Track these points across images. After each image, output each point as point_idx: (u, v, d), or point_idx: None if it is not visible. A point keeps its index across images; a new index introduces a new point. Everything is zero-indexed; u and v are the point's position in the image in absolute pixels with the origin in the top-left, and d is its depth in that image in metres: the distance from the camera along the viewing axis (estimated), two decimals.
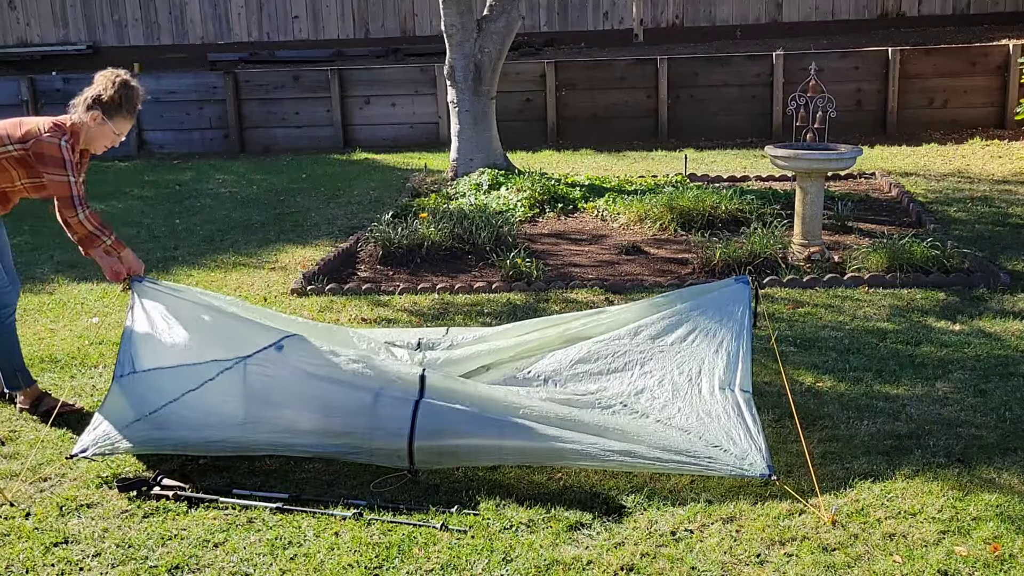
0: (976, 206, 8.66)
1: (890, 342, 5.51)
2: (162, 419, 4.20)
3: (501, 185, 9.35)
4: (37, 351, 5.77)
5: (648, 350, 4.50)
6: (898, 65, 12.34)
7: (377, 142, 12.91)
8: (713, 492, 3.92)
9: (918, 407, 4.66)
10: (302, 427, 4.18)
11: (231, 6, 16.99)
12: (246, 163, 12.06)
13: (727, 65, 12.78)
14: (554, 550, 3.57)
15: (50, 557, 3.62)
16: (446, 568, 3.48)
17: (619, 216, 8.46)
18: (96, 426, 4.25)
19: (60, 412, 4.68)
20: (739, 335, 4.41)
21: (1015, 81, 12.10)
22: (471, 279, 6.98)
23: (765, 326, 5.33)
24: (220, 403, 4.26)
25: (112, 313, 6.42)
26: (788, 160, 6.82)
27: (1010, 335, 5.55)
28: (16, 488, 4.11)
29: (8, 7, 17.08)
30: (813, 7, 16.70)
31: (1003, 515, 3.70)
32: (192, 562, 3.57)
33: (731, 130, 12.68)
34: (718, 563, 3.48)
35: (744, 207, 8.14)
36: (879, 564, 3.43)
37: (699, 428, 4.07)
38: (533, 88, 12.83)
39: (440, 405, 4.25)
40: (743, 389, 4.22)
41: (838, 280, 6.55)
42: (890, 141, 12.07)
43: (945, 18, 16.51)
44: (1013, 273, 6.63)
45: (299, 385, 4.35)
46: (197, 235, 8.60)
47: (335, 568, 3.50)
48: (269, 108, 13.06)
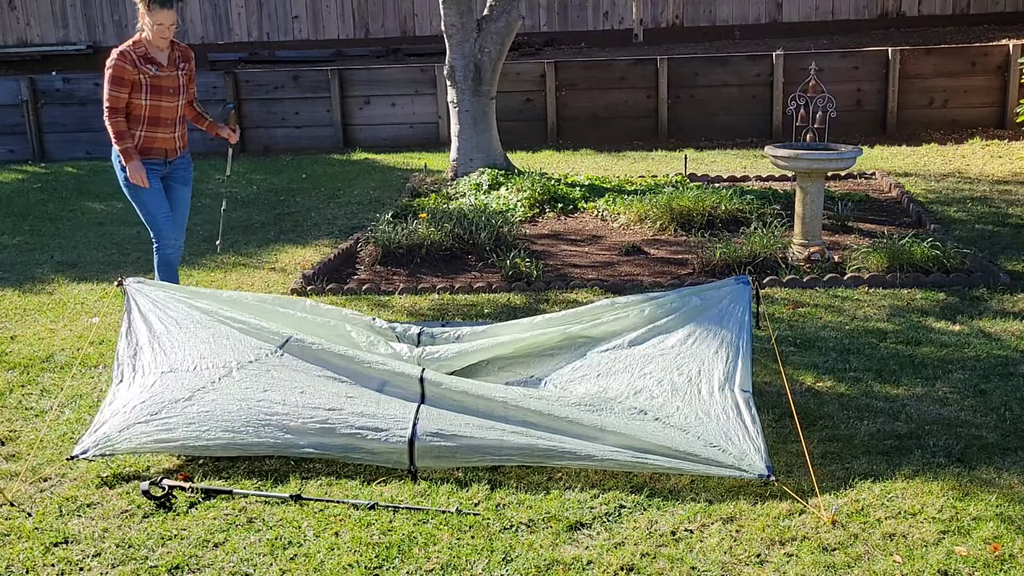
0: (976, 206, 8.65)
1: (890, 342, 5.51)
2: (163, 421, 4.20)
3: (501, 185, 9.35)
4: (37, 351, 5.77)
5: (649, 354, 4.50)
6: (898, 65, 12.34)
7: (377, 142, 12.91)
8: (713, 492, 3.92)
9: (918, 407, 4.67)
10: (303, 428, 4.18)
11: (231, 6, 16.99)
12: (246, 163, 12.06)
13: (727, 65, 12.78)
14: (554, 550, 3.57)
15: (50, 557, 3.62)
16: (446, 568, 3.49)
17: (619, 216, 8.46)
18: (97, 427, 4.25)
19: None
20: (739, 335, 4.41)
21: (1015, 81, 12.10)
22: (471, 279, 6.98)
23: (765, 326, 5.33)
24: (221, 405, 4.26)
25: (112, 313, 6.42)
26: (788, 160, 6.82)
27: (1010, 335, 5.55)
28: (16, 488, 4.11)
29: (8, 7, 17.08)
30: (813, 7, 16.70)
31: (1003, 515, 3.70)
32: (192, 562, 3.57)
33: (731, 130, 12.68)
34: (718, 563, 3.48)
35: (744, 207, 8.14)
36: (879, 564, 3.44)
37: (698, 428, 4.07)
38: (533, 88, 12.83)
39: (440, 405, 4.26)
40: (743, 389, 4.23)
41: (838, 280, 6.55)
42: (890, 141, 12.07)
43: (945, 18, 16.51)
44: (1013, 273, 6.63)
45: (300, 387, 4.36)
46: (197, 235, 8.60)
47: (335, 568, 3.50)
48: (269, 108, 13.06)
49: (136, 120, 5.70)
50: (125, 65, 5.60)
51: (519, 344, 4.75)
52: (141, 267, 7.53)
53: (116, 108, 5.62)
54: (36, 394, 5.17)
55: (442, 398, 4.32)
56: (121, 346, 4.55)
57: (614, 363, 4.53)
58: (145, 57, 5.66)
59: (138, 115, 5.70)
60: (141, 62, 5.64)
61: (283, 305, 5.05)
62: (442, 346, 4.82)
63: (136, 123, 5.71)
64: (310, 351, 4.54)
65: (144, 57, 5.66)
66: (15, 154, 12.71)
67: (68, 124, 12.74)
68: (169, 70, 5.76)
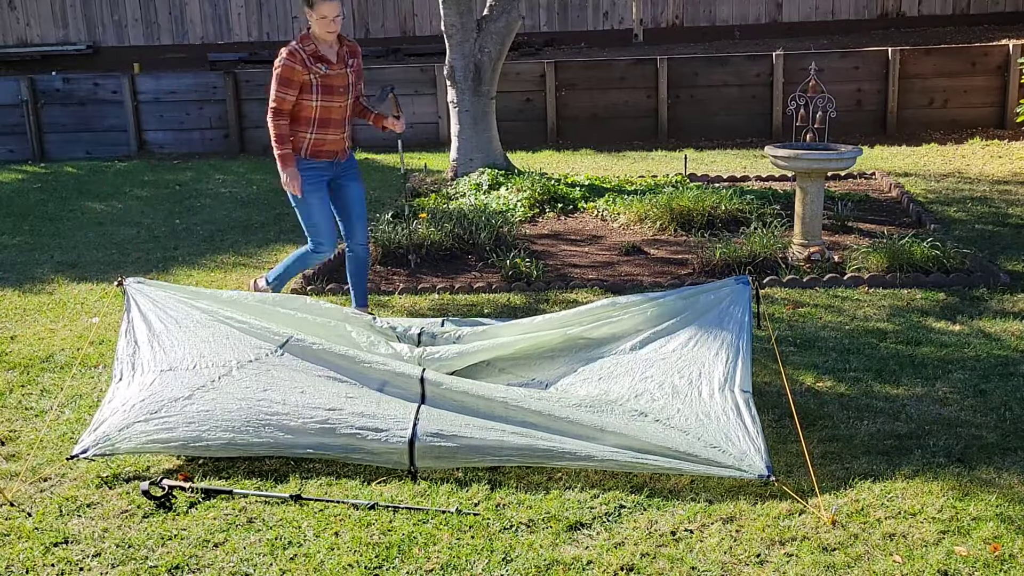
0: (976, 206, 8.66)
1: (890, 342, 5.52)
2: (163, 420, 4.20)
3: (501, 185, 9.35)
4: (37, 351, 5.77)
5: (651, 358, 4.50)
6: (898, 65, 12.34)
7: (377, 142, 12.89)
8: (713, 492, 3.93)
9: (918, 407, 4.67)
10: (303, 428, 4.17)
11: (231, 6, 17.00)
12: (246, 163, 12.06)
13: (727, 65, 12.78)
14: (554, 550, 3.57)
15: (50, 557, 3.62)
16: (446, 568, 3.49)
17: (619, 216, 8.46)
18: (96, 427, 4.25)
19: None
20: (739, 336, 4.41)
21: (1015, 81, 12.11)
22: (471, 279, 6.98)
23: (765, 326, 5.33)
24: (221, 404, 4.26)
25: (112, 313, 6.42)
26: (788, 160, 6.82)
27: (1010, 335, 5.55)
28: (16, 488, 4.11)
29: (8, 7, 17.09)
30: (813, 7, 16.70)
31: (1003, 515, 3.70)
32: (192, 562, 3.57)
33: (731, 130, 12.68)
34: (718, 563, 3.48)
35: (744, 207, 8.14)
36: (879, 564, 3.44)
37: (698, 430, 4.07)
38: (533, 88, 12.83)
39: (441, 406, 4.26)
40: (743, 389, 4.23)
41: (838, 280, 6.55)
42: (890, 141, 12.08)
43: (945, 18, 16.53)
44: (1013, 273, 6.63)
45: (300, 387, 4.35)
46: (197, 235, 8.60)
47: (335, 568, 3.50)
48: None
49: (305, 122, 5.48)
50: (295, 65, 5.34)
51: (520, 345, 4.75)
52: (141, 267, 7.53)
53: (282, 110, 5.39)
54: (36, 394, 5.17)
55: (443, 398, 4.32)
56: (121, 345, 4.55)
57: (616, 367, 4.53)
58: (315, 55, 5.39)
59: (308, 116, 5.46)
60: (311, 61, 5.38)
61: (283, 305, 5.04)
62: (443, 346, 4.82)
63: (305, 125, 5.48)
64: (310, 351, 4.54)
65: (314, 56, 5.39)
66: (15, 154, 12.71)
67: (68, 124, 12.74)
68: (339, 67, 5.48)
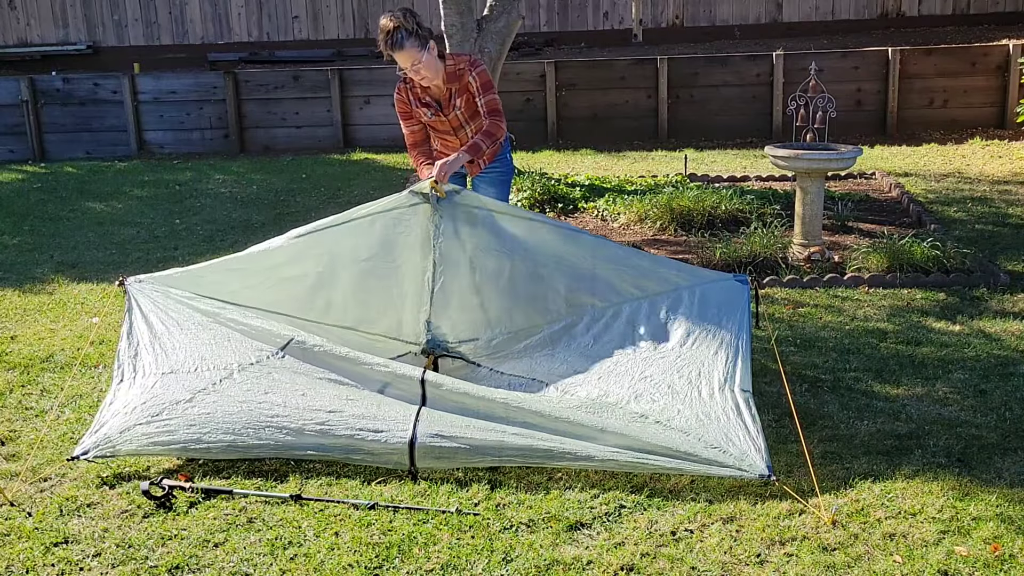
0: (976, 206, 8.65)
1: (890, 342, 5.52)
2: (164, 422, 4.19)
3: None
4: (37, 351, 5.77)
5: (649, 357, 4.51)
6: (898, 65, 12.34)
7: (377, 142, 12.90)
8: (713, 492, 3.93)
9: (918, 407, 4.67)
10: (303, 430, 4.17)
11: (231, 6, 16.99)
12: (246, 163, 12.06)
13: (727, 65, 12.78)
14: (554, 550, 3.57)
15: (50, 557, 3.63)
16: (446, 568, 3.49)
17: (619, 216, 8.46)
18: (97, 428, 4.25)
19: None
20: (738, 335, 4.42)
21: (1015, 81, 12.10)
22: None
23: (765, 326, 5.34)
24: (222, 406, 4.25)
25: (112, 313, 6.42)
26: (788, 160, 6.82)
27: (1010, 335, 5.55)
28: (16, 488, 4.11)
29: (8, 7, 17.09)
30: (813, 7, 16.70)
31: (1003, 515, 3.71)
32: (192, 562, 3.57)
33: (731, 130, 12.67)
34: (718, 563, 3.48)
35: (744, 207, 8.14)
36: (879, 564, 3.44)
37: (699, 430, 4.07)
38: (533, 88, 12.82)
39: (441, 407, 4.26)
40: (743, 389, 4.23)
41: (838, 280, 6.55)
42: (890, 141, 12.07)
43: (945, 18, 16.52)
44: (1013, 273, 6.63)
45: (301, 389, 4.35)
46: (197, 235, 8.60)
47: (335, 568, 3.50)
48: (269, 108, 13.05)
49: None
50: (402, 99, 5.19)
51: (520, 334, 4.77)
52: (141, 267, 7.53)
53: (413, 143, 5.23)
54: (36, 394, 5.17)
55: (443, 399, 4.32)
56: (122, 346, 4.54)
57: (615, 366, 4.53)
58: (421, 100, 5.15)
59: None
60: (416, 103, 5.17)
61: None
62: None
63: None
64: (311, 353, 4.54)
65: (420, 100, 5.16)
66: (15, 154, 12.70)
67: (68, 124, 12.74)
68: (445, 112, 5.16)
